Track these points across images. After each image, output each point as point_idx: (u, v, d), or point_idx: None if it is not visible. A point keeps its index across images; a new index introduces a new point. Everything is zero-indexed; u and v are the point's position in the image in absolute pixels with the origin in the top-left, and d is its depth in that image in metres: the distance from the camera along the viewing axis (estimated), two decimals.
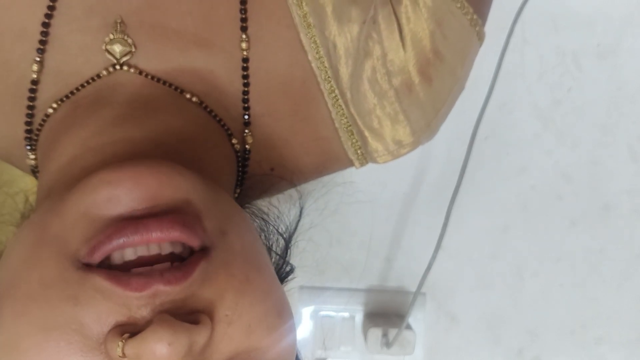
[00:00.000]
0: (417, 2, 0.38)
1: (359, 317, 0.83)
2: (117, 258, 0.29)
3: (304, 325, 0.83)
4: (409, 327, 0.79)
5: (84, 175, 0.31)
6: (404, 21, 0.38)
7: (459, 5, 0.39)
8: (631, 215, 0.84)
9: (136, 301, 0.28)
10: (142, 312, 0.28)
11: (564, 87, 0.82)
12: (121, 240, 0.28)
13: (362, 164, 0.42)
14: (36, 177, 0.40)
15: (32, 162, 0.39)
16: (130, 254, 0.29)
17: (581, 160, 0.83)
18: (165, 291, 0.28)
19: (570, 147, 0.83)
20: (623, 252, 0.84)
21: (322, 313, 0.83)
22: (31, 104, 0.37)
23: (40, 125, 0.37)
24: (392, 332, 0.79)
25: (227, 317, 0.29)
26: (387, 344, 0.79)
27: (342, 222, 0.85)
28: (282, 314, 0.32)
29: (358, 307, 0.84)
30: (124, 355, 0.27)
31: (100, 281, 0.28)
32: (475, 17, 0.40)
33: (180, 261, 0.30)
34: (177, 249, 0.30)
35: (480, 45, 0.42)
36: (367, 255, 0.85)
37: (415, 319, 0.82)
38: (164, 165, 0.30)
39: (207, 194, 0.31)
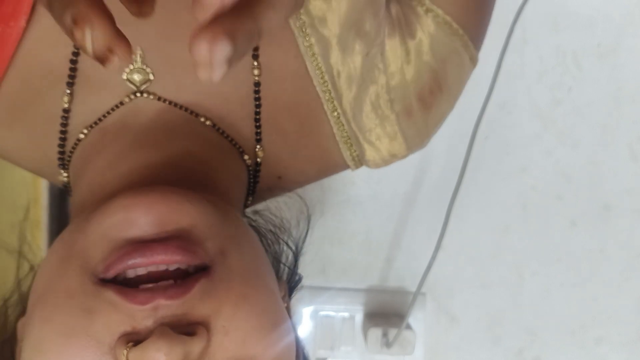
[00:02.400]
0: (427, 39, 0.43)
1: (359, 317, 0.83)
2: (130, 273, 0.33)
3: (304, 325, 0.83)
4: (409, 327, 0.79)
5: (108, 198, 0.36)
6: (413, 54, 0.43)
7: (462, 44, 0.43)
8: (631, 215, 0.84)
9: (140, 313, 0.32)
10: (146, 323, 0.32)
11: (564, 87, 0.82)
12: (130, 262, 0.32)
13: (357, 168, 0.47)
14: (68, 192, 0.45)
15: (65, 179, 0.43)
16: (141, 270, 0.33)
17: (581, 160, 0.83)
18: (167, 305, 0.32)
19: (570, 147, 0.83)
20: (623, 252, 0.84)
21: (322, 313, 0.83)
22: (64, 129, 0.42)
23: (73, 148, 0.42)
24: (392, 332, 0.79)
25: (224, 328, 0.33)
26: (387, 344, 0.79)
27: (342, 222, 0.85)
28: (277, 325, 0.35)
29: (358, 307, 0.84)
30: None
31: (111, 295, 0.32)
32: (474, 52, 0.45)
33: (185, 277, 0.34)
34: (183, 266, 0.34)
35: (473, 69, 0.47)
36: (367, 255, 0.85)
37: (415, 319, 0.82)
38: (175, 193, 0.35)
39: (212, 218, 0.35)
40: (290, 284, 0.45)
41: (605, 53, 0.81)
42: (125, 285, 0.33)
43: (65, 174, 0.43)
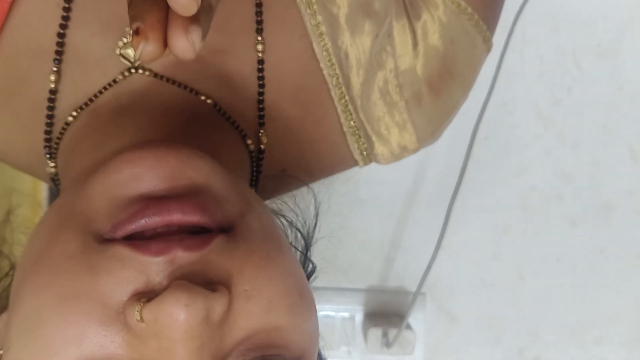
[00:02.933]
0: (434, 19, 0.40)
1: (359, 317, 0.83)
2: (136, 234, 0.29)
3: None
4: (409, 327, 0.79)
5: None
6: (419, 37, 0.40)
7: (473, 23, 0.40)
8: (631, 215, 0.84)
9: (155, 266, 0.28)
10: (160, 279, 0.28)
11: (564, 87, 0.82)
12: (143, 221, 0.28)
13: (366, 164, 0.43)
14: (56, 186, 0.41)
15: (52, 170, 0.39)
16: (149, 232, 0.29)
17: (581, 160, 0.83)
18: (184, 257, 0.28)
19: (570, 147, 0.83)
20: (623, 252, 0.84)
21: (322, 313, 0.83)
22: (50, 113, 0.38)
23: (61, 134, 0.38)
24: (392, 332, 0.79)
25: (246, 292, 0.29)
26: (387, 344, 0.79)
27: (342, 222, 0.85)
28: (303, 295, 0.31)
29: (358, 307, 0.84)
30: (141, 319, 0.27)
31: (120, 249, 0.28)
32: (488, 34, 0.42)
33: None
34: (197, 230, 0.30)
35: (488, 54, 0.44)
36: (367, 255, 0.85)
37: (415, 319, 0.82)
38: (185, 148, 0.31)
39: (226, 178, 0.32)
40: (305, 273, 0.41)
41: (605, 53, 0.81)
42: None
43: (52, 164, 0.39)
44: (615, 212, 0.84)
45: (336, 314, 0.83)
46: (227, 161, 0.37)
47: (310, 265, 0.43)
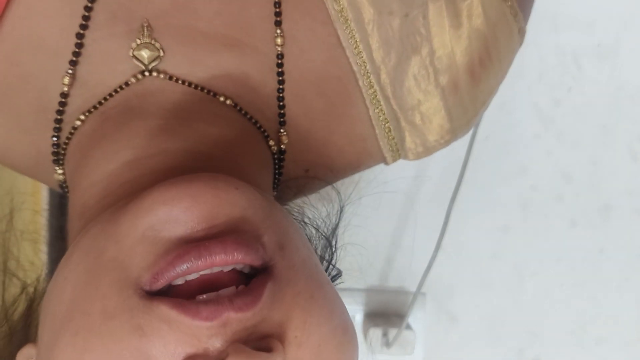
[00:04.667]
0: (479, 0, 0.38)
1: (359, 317, 0.83)
2: (178, 280, 0.28)
3: None
4: (409, 327, 0.79)
5: (123, 193, 0.31)
6: (464, 17, 0.37)
7: (513, 12, 0.39)
8: (631, 215, 0.84)
9: (206, 331, 0.26)
10: (214, 343, 0.26)
11: (564, 87, 0.82)
12: (185, 267, 0.27)
13: (394, 160, 0.41)
14: (64, 193, 0.39)
15: (60, 177, 0.38)
16: (192, 275, 0.28)
17: (581, 160, 0.83)
18: (237, 318, 0.27)
19: (570, 147, 0.83)
20: (623, 252, 0.84)
21: None
22: (59, 117, 0.36)
23: (68, 139, 0.36)
24: (392, 332, 0.79)
25: (297, 339, 0.28)
26: (387, 343, 0.79)
27: (342, 222, 0.84)
28: (347, 330, 0.31)
29: (358, 307, 0.83)
30: None
31: (166, 310, 0.26)
32: (522, 25, 0.41)
33: (244, 281, 0.29)
34: (239, 267, 0.29)
35: (519, 48, 0.42)
36: (367, 255, 0.85)
37: (415, 319, 0.82)
38: (220, 181, 0.29)
39: (262, 207, 0.30)
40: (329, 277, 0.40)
41: (605, 53, 0.81)
42: (177, 296, 0.27)
43: (60, 171, 0.38)
44: (615, 212, 0.84)
45: None
46: (249, 167, 0.36)
47: (335, 270, 0.42)
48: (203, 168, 0.33)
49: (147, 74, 0.35)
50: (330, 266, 0.41)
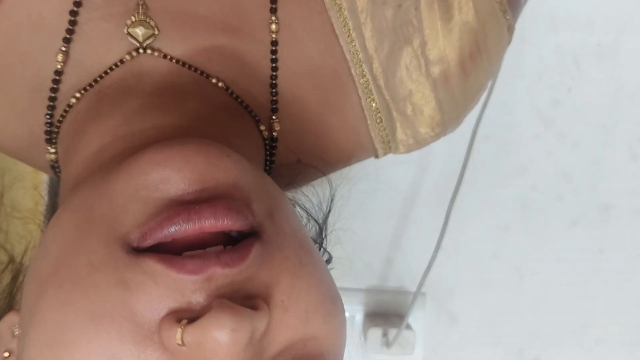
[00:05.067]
0: None
1: (359, 317, 0.83)
2: (168, 244, 0.28)
3: None
4: (408, 327, 0.79)
5: (116, 160, 0.31)
6: (455, 10, 0.38)
7: (502, 9, 0.39)
8: (631, 215, 0.84)
9: (191, 285, 0.26)
10: (198, 297, 0.26)
11: (564, 87, 0.82)
12: (173, 229, 0.27)
13: (385, 153, 0.41)
14: (55, 174, 0.39)
15: (52, 156, 0.38)
16: (181, 239, 0.28)
17: (581, 160, 0.83)
18: (223, 274, 0.26)
19: (570, 147, 0.83)
20: (623, 252, 0.84)
21: None
22: (53, 95, 0.36)
23: (62, 117, 0.36)
24: (392, 332, 0.79)
25: (283, 303, 0.28)
26: (387, 343, 0.79)
27: (342, 222, 0.84)
28: (335, 300, 0.31)
29: (358, 307, 0.83)
30: (182, 343, 0.25)
31: (152, 264, 0.26)
32: (511, 23, 0.41)
33: (232, 243, 0.28)
34: (228, 232, 0.29)
35: (508, 47, 0.43)
36: (367, 255, 0.85)
37: (415, 319, 0.82)
38: (212, 146, 0.29)
39: (253, 176, 0.30)
40: None
41: (605, 53, 0.81)
42: (163, 253, 0.27)
43: (52, 150, 0.37)
44: (615, 212, 0.84)
45: None
46: (242, 148, 0.35)
47: (327, 255, 0.42)
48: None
49: (141, 51, 0.35)
50: (322, 250, 0.41)
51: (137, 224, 0.27)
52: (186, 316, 0.26)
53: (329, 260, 0.42)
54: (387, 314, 0.83)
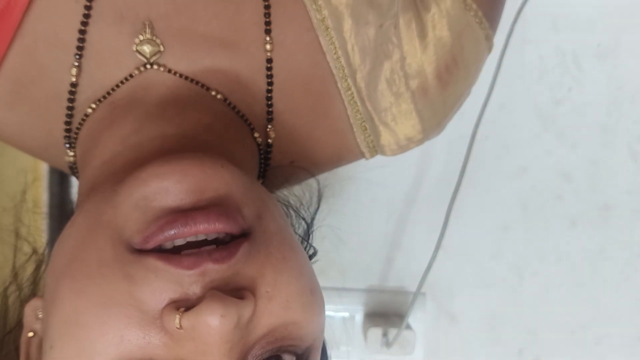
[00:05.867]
0: (442, 12, 0.42)
1: (359, 317, 0.83)
2: (167, 244, 0.32)
3: None
4: (408, 327, 0.80)
5: (126, 170, 0.35)
6: (429, 28, 0.42)
7: (477, 20, 0.43)
8: (631, 215, 0.84)
9: (188, 279, 0.30)
10: (194, 289, 0.31)
11: (564, 87, 0.82)
12: (172, 232, 0.31)
13: (372, 156, 0.45)
14: (73, 173, 0.43)
15: (71, 159, 0.42)
16: (180, 241, 0.32)
17: (581, 160, 0.83)
18: (214, 269, 0.31)
19: (570, 147, 0.83)
20: (623, 252, 0.84)
21: None
22: (71, 105, 0.40)
23: (80, 124, 0.41)
24: (392, 332, 0.79)
25: (268, 294, 0.32)
26: (387, 343, 0.79)
27: (342, 222, 0.84)
28: (314, 292, 0.35)
29: (358, 307, 0.84)
30: (180, 327, 0.30)
31: (153, 261, 0.31)
32: (490, 32, 0.44)
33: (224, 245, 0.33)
34: (222, 235, 0.33)
35: (489, 54, 0.46)
36: (367, 255, 0.85)
37: (415, 319, 0.82)
38: (207, 158, 0.33)
39: (245, 184, 0.34)
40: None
41: (605, 53, 0.81)
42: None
43: (71, 154, 0.42)
44: (615, 212, 0.84)
45: (336, 314, 0.83)
46: (237, 153, 0.40)
47: (312, 249, 0.46)
48: (196, 150, 0.37)
49: (148, 66, 0.39)
50: (307, 245, 0.46)
51: (137, 230, 0.31)
52: (184, 305, 0.30)
53: (314, 254, 0.46)
54: (387, 314, 0.83)
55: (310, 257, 0.46)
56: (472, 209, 0.82)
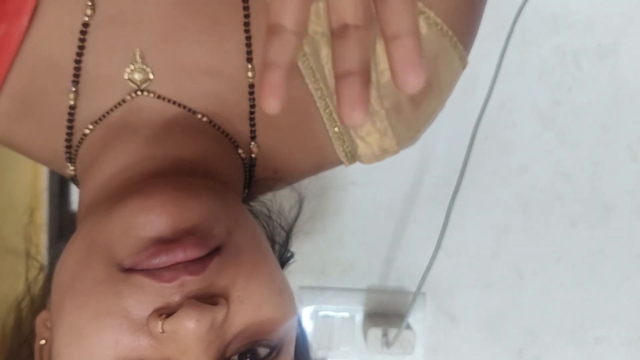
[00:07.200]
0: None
1: (359, 317, 0.83)
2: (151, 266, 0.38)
3: (304, 325, 0.83)
4: (408, 327, 0.80)
5: (118, 192, 0.41)
6: None
7: (452, 44, 0.46)
8: (631, 215, 0.84)
9: (168, 290, 0.36)
10: (174, 298, 0.36)
11: (564, 87, 0.82)
12: (157, 261, 0.36)
13: (350, 164, 0.49)
14: (76, 185, 0.48)
15: (72, 172, 0.47)
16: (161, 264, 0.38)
17: (581, 160, 0.83)
18: (190, 280, 0.36)
19: (570, 147, 0.83)
20: (623, 252, 0.84)
21: (322, 313, 0.83)
22: (70, 125, 0.45)
23: (79, 143, 0.45)
24: (392, 332, 0.79)
25: (239, 297, 0.37)
26: (387, 343, 0.79)
27: (342, 222, 0.85)
28: (283, 292, 0.40)
29: (358, 307, 0.84)
30: (163, 331, 0.35)
31: (140, 278, 0.36)
32: (464, 53, 0.47)
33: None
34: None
35: (463, 70, 0.49)
36: (367, 255, 0.85)
37: (415, 318, 0.82)
38: (181, 192, 0.39)
39: (216, 208, 0.39)
40: (282, 259, 0.50)
41: (605, 53, 0.81)
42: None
43: (72, 168, 0.46)
44: (615, 212, 0.84)
45: (336, 314, 0.83)
46: (222, 168, 0.45)
47: (289, 253, 0.51)
48: (182, 171, 0.42)
49: (139, 93, 0.44)
50: (285, 250, 0.51)
51: (127, 254, 0.37)
52: (166, 312, 0.36)
53: (290, 257, 0.51)
54: (387, 314, 0.83)
55: (287, 259, 0.51)
56: (472, 209, 0.82)
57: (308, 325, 0.83)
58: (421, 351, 0.83)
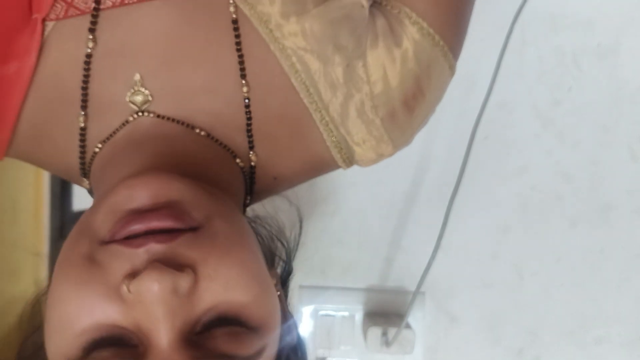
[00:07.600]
0: (413, 48, 0.48)
1: (358, 317, 0.84)
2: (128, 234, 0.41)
3: (304, 324, 0.83)
4: (408, 326, 0.80)
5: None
6: (398, 62, 0.48)
7: (443, 54, 0.49)
8: (631, 215, 0.84)
9: (137, 256, 0.39)
10: (142, 264, 0.38)
11: (564, 87, 0.82)
12: (131, 228, 0.39)
13: (348, 167, 0.51)
14: (92, 197, 0.52)
15: (87, 186, 0.51)
16: (139, 234, 0.41)
17: (581, 160, 0.83)
18: (157, 247, 0.39)
19: (570, 147, 0.83)
20: (623, 252, 0.85)
21: (322, 312, 0.83)
22: (82, 144, 0.49)
23: (91, 159, 0.49)
24: (392, 332, 0.79)
25: (209, 275, 0.39)
26: (387, 343, 0.80)
27: (342, 222, 0.85)
28: (256, 278, 0.42)
29: (358, 306, 0.84)
30: (129, 291, 0.38)
31: (115, 247, 0.39)
32: (453, 62, 0.50)
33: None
34: (171, 230, 0.41)
35: (452, 77, 0.52)
36: (367, 255, 0.85)
37: (415, 318, 0.82)
38: (164, 174, 0.42)
39: (198, 193, 0.42)
40: (283, 276, 0.52)
41: (605, 53, 0.81)
42: None
43: (87, 182, 0.51)
44: (615, 212, 0.84)
45: (336, 314, 0.83)
46: (223, 177, 0.48)
47: (289, 269, 0.54)
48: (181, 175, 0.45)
49: (140, 114, 0.47)
50: (287, 266, 0.54)
51: (107, 228, 0.40)
52: (133, 276, 0.38)
53: (289, 273, 0.53)
54: (386, 314, 0.83)
55: (287, 275, 0.53)
56: (472, 209, 0.82)
57: (308, 325, 0.83)
58: (421, 350, 0.83)
